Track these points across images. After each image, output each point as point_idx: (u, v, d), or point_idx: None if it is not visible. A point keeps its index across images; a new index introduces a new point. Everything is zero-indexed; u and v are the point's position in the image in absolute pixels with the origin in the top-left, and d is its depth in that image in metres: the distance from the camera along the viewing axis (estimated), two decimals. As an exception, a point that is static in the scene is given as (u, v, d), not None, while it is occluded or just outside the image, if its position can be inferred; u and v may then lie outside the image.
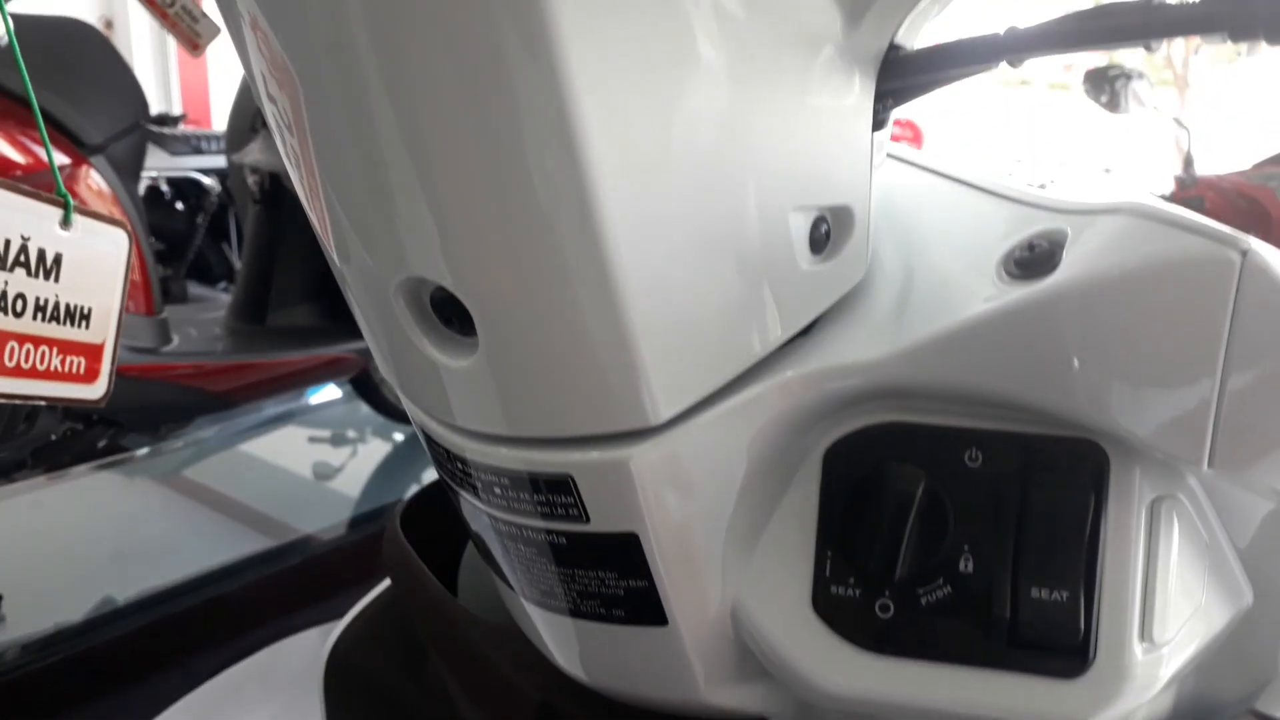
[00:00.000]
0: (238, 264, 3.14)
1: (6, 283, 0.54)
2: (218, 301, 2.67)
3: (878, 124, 0.34)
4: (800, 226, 0.32)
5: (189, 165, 3.00)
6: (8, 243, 0.54)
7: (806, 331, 0.36)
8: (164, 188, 2.86)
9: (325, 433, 2.85)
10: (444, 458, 0.38)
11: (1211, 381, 0.30)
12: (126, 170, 1.93)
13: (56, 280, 0.57)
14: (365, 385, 2.41)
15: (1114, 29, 0.29)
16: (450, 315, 0.32)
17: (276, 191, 2.07)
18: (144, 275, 1.93)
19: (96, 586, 1.90)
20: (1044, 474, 0.35)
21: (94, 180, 1.82)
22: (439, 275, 0.30)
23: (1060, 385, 0.33)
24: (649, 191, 0.28)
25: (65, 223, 0.57)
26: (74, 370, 0.59)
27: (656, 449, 0.32)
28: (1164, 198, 2.12)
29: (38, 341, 0.56)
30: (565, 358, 0.30)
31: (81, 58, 1.88)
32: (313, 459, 2.66)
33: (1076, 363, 0.32)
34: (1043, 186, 0.37)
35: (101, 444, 1.89)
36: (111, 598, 1.88)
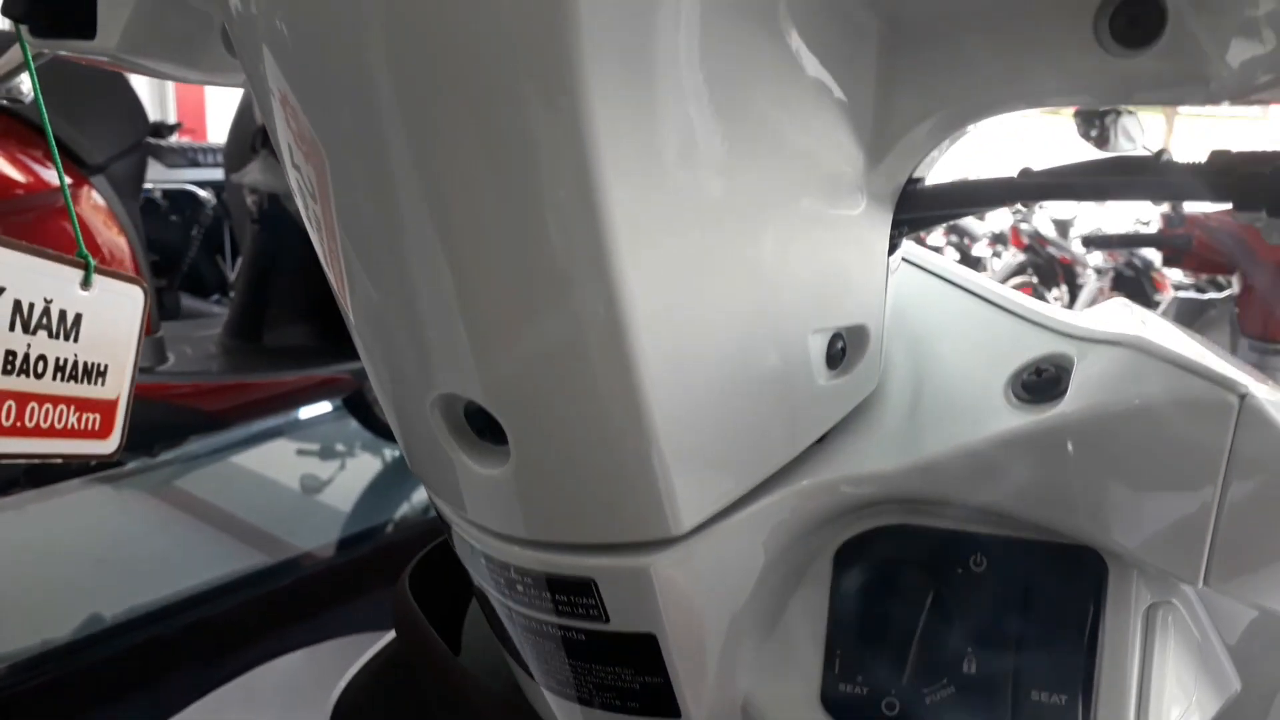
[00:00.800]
0: (231, 276, 3.14)
1: (29, 345, 0.55)
2: (212, 316, 2.67)
3: (892, 248, 0.36)
4: (818, 346, 0.34)
5: (185, 178, 3.00)
6: (31, 306, 0.55)
7: (821, 439, 0.37)
8: (159, 199, 2.87)
9: (315, 447, 2.85)
10: (465, 549, 0.39)
11: (1208, 513, 0.32)
12: (126, 189, 1.93)
13: (76, 340, 0.58)
14: (358, 404, 2.42)
15: (1124, 185, 0.30)
16: (483, 425, 0.33)
17: (275, 211, 2.08)
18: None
19: (85, 602, 1.90)
20: (1045, 580, 0.36)
21: (94, 199, 1.83)
22: (474, 394, 0.31)
23: (1064, 506, 0.34)
24: (678, 319, 0.29)
25: (86, 283, 0.58)
26: (90, 427, 0.60)
27: (677, 556, 0.34)
28: (1152, 236, 2.14)
29: (56, 401, 0.57)
30: (594, 472, 0.31)
31: (85, 78, 1.89)
32: (302, 473, 2.67)
33: (1080, 488, 0.33)
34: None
35: (93, 461, 1.89)
36: (100, 615, 1.88)
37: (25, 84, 0.61)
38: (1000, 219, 5.20)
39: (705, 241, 0.29)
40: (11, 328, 0.53)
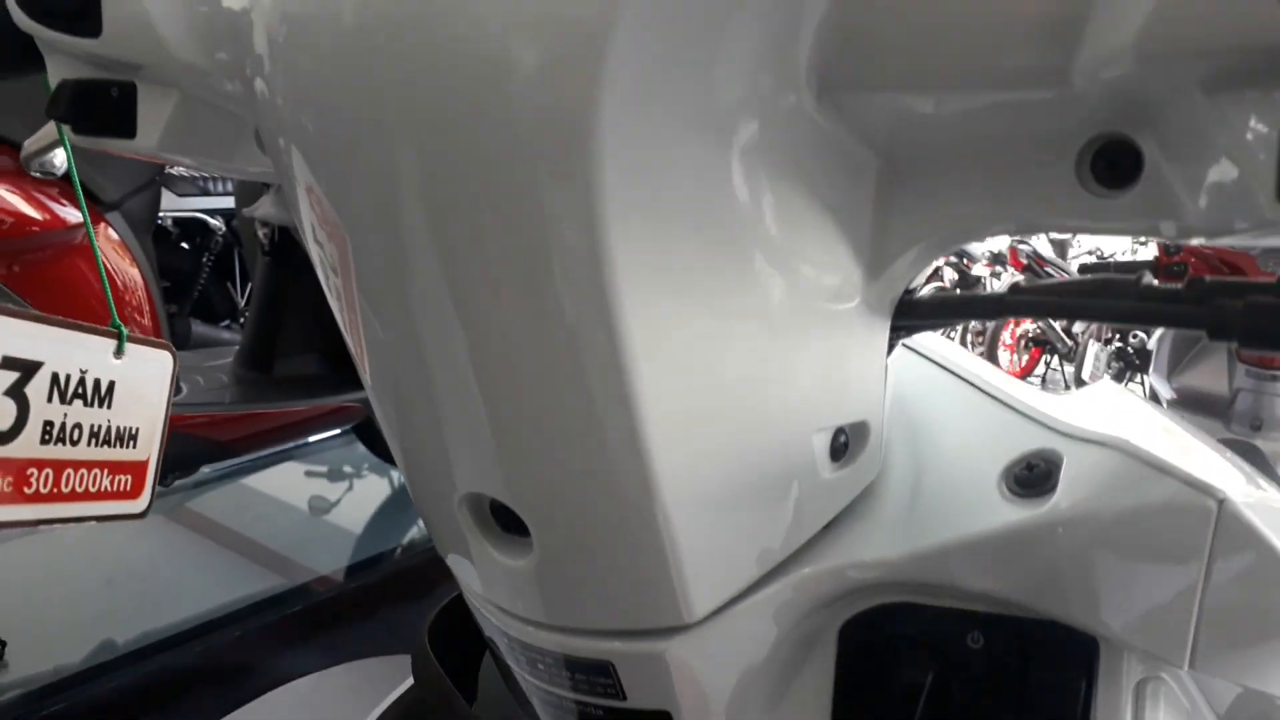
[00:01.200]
0: (241, 302, 3.18)
1: (65, 415, 0.57)
2: (223, 344, 2.70)
3: (890, 347, 0.38)
4: (822, 442, 0.36)
5: (195, 206, 3.04)
6: (68, 377, 0.57)
7: (826, 525, 0.39)
8: (170, 227, 2.90)
9: (324, 469, 2.88)
10: (487, 624, 0.41)
11: (1191, 604, 0.34)
12: (141, 223, 1.97)
13: (109, 406, 0.60)
14: (368, 432, 2.44)
15: (1105, 308, 0.33)
16: (508, 519, 0.36)
17: (285, 243, 2.11)
18: (155, 324, 1.96)
19: (96, 627, 1.92)
20: (1039, 657, 0.38)
21: (110, 234, 1.86)
22: (499, 493, 0.34)
23: (1056, 595, 0.36)
24: (690, 424, 0.31)
25: (119, 352, 0.61)
26: (121, 488, 0.62)
27: (691, 640, 0.36)
28: (1148, 264, 2.17)
29: (90, 465, 0.59)
30: (611, 565, 0.34)
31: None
32: (312, 496, 2.69)
33: (1071, 581, 0.36)
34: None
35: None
36: (112, 640, 1.90)
37: (59, 158, 0.63)
38: (999, 239, 5.23)
39: (716, 352, 0.31)
40: (50, 399, 0.56)
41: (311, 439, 2.88)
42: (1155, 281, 0.32)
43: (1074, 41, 0.25)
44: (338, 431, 2.80)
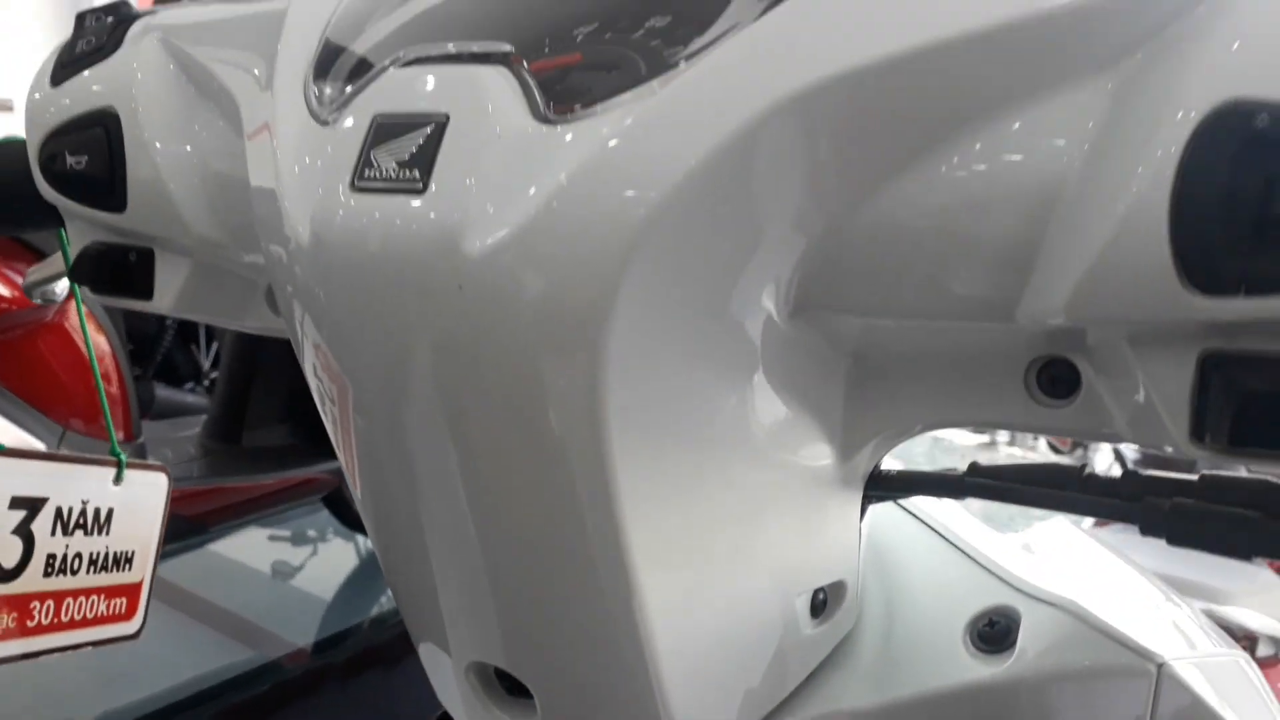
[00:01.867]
0: (205, 364, 3.16)
1: (67, 546, 0.59)
2: (187, 408, 2.68)
3: (863, 513, 0.41)
4: (803, 603, 0.39)
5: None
6: (70, 509, 0.59)
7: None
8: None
9: (287, 533, 2.86)
10: None
11: None
12: (110, 297, 1.97)
13: (107, 533, 0.62)
14: (337, 502, 2.43)
15: (1052, 497, 0.36)
16: (511, 683, 0.38)
17: (256, 315, 2.12)
18: (124, 397, 1.96)
19: (55, 706, 1.89)
20: None
21: (76, 305, 1.86)
22: (502, 663, 0.36)
23: None
24: (685, 601, 0.34)
25: (118, 479, 0.62)
26: (116, 611, 0.63)
27: None
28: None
29: (89, 592, 0.61)
30: None
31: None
32: (280, 562, 2.67)
33: None
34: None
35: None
36: (73, 721, 1.87)
37: (60, 287, 0.66)
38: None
39: (707, 534, 0.34)
40: (53, 533, 0.58)
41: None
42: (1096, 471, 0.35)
43: (1016, 296, 0.29)
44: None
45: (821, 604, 0.40)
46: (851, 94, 0.27)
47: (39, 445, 1.76)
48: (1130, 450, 2.67)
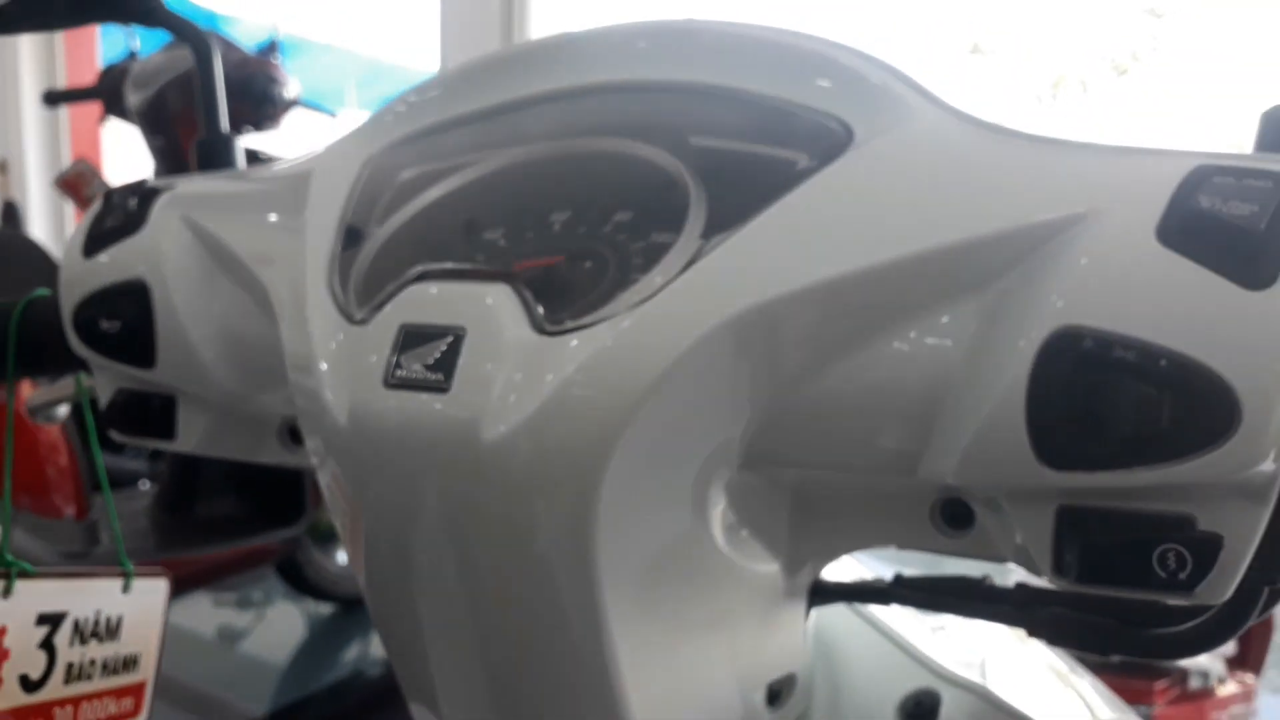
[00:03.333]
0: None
1: (84, 654, 0.64)
2: (129, 475, 2.67)
3: (807, 615, 0.48)
4: (760, 695, 0.46)
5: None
6: (85, 620, 0.64)
7: None
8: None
9: (239, 601, 2.86)
10: None
11: None
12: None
13: (118, 638, 0.67)
14: (291, 570, 2.45)
15: (956, 604, 0.43)
16: None
17: (206, 387, 2.14)
18: (75, 475, 1.97)
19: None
20: None
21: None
22: None
23: None
24: (662, 703, 0.40)
25: (126, 588, 0.68)
26: (125, 710, 0.68)
27: None
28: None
29: (102, 695, 0.66)
30: None
31: (14, 268, 1.95)
32: (231, 634, 2.67)
33: None
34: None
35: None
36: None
37: (62, 410, 0.71)
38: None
39: (680, 642, 0.41)
40: (71, 644, 0.63)
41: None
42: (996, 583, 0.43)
43: (916, 460, 0.36)
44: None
45: (776, 694, 0.47)
46: (788, 311, 0.35)
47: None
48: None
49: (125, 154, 2.68)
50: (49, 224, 5.23)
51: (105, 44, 4.90)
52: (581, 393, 0.35)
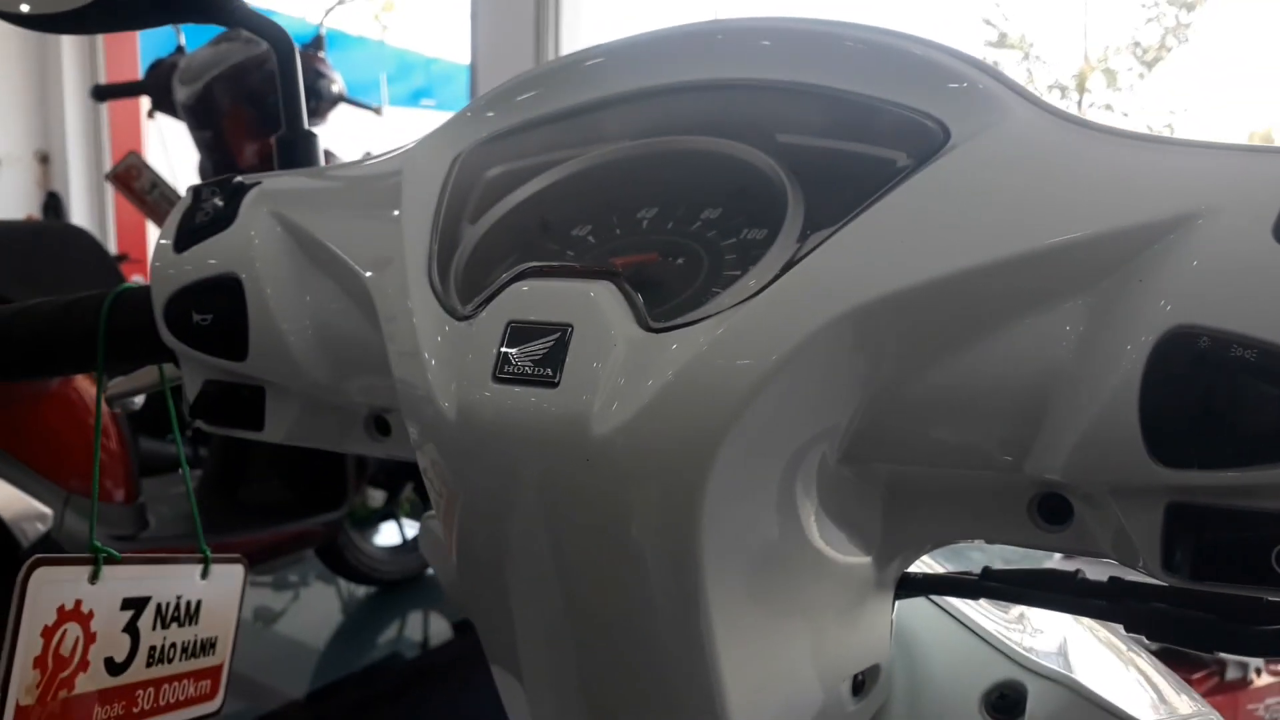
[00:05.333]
0: (186, 414, 3.19)
1: (165, 638, 0.65)
2: (168, 460, 2.71)
3: (893, 607, 0.49)
4: (845, 687, 0.46)
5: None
6: (167, 605, 0.65)
7: None
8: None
9: (280, 585, 2.89)
10: None
11: None
12: (109, 361, 2.01)
13: (196, 623, 0.68)
14: (331, 553, 2.48)
15: (1052, 599, 0.44)
16: None
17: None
18: (125, 460, 2.00)
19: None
20: None
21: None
22: None
23: None
24: (756, 691, 0.41)
25: (204, 574, 0.69)
26: (202, 693, 0.70)
27: None
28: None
29: (181, 678, 0.67)
30: None
31: (68, 258, 1.99)
32: (272, 618, 2.71)
33: None
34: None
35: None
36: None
37: (138, 400, 0.72)
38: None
39: (775, 634, 0.41)
40: (154, 628, 0.64)
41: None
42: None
43: (1022, 458, 0.37)
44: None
45: (860, 684, 0.48)
46: (892, 311, 0.35)
47: (43, 509, 1.80)
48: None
49: (167, 148, 2.71)
50: (90, 215, 5.31)
51: (144, 39, 4.96)
52: (689, 389, 0.35)
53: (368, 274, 0.46)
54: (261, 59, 2.08)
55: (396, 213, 0.47)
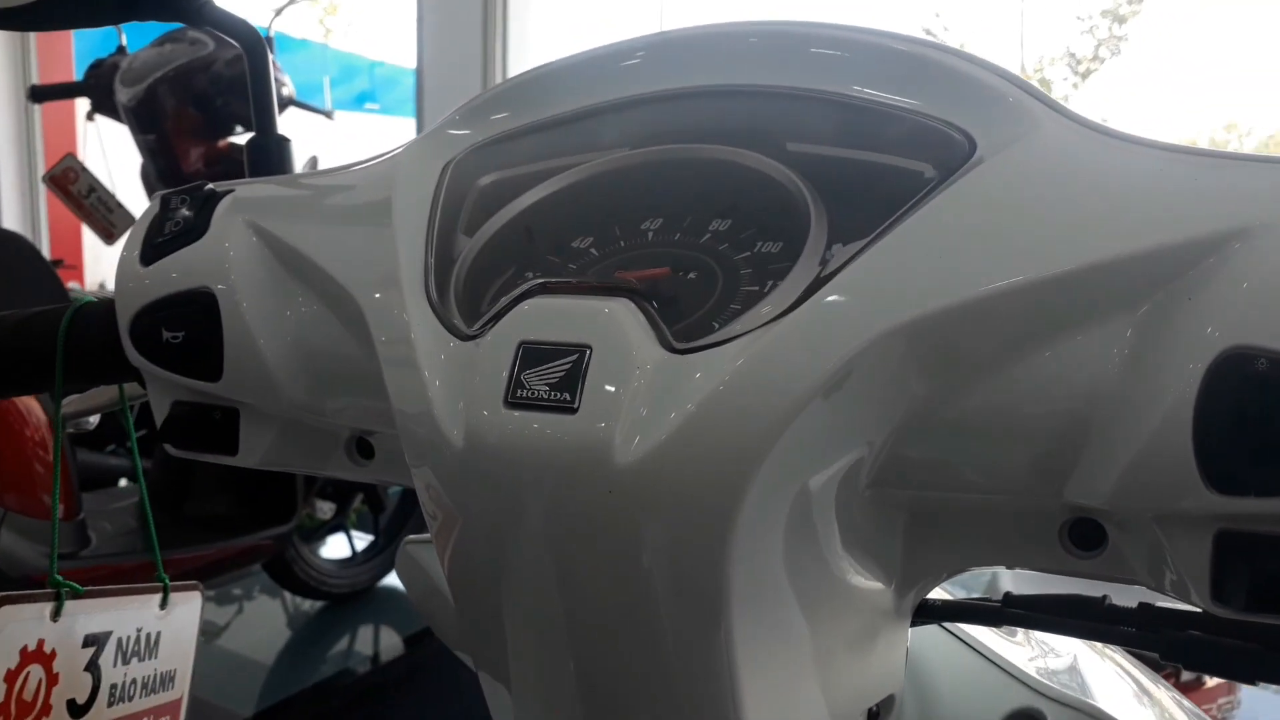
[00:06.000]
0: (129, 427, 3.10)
1: (126, 674, 0.62)
2: (110, 473, 2.63)
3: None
4: (862, 717, 0.45)
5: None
6: (127, 639, 0.62)
7: None
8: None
9: (227, 601, 2.82)
10: None
11: None
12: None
13: (155, 656, 0.65)
14: (279, 567, 2.42)
15: (1074, 625, 0.42)
16: None
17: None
18: (66, 475, 1.93)
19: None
20: None
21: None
22: None
23: None
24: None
25: (163, 603, 0.65)
26: (162, 729, 0.66)
27: None
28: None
29: (141, 715, 0.64)
30: None
31: (4, 265, 1.91)
32: (218, 634, 2.63)
33: None
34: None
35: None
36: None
37: (92, 419, 0.68)
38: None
39: (795, 664, 0.39)
40: (115, 664, 0.61)
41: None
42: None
43: (1062, 484, 0.35)
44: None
45: (874, 715, 0.46)
46: (930, 332, 0.33)
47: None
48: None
49: (105, 151, 2.63)
50: (22, 219, 5.14)
51: (80, 39, 4.82)
52: (721, 416, 0.33)
53: (357, 289, 0.43)
54: (208, 61, 2.02)
55: (385, 223, 0.44)
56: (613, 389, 0.34)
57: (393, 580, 2.88)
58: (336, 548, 2.78)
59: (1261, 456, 0.30)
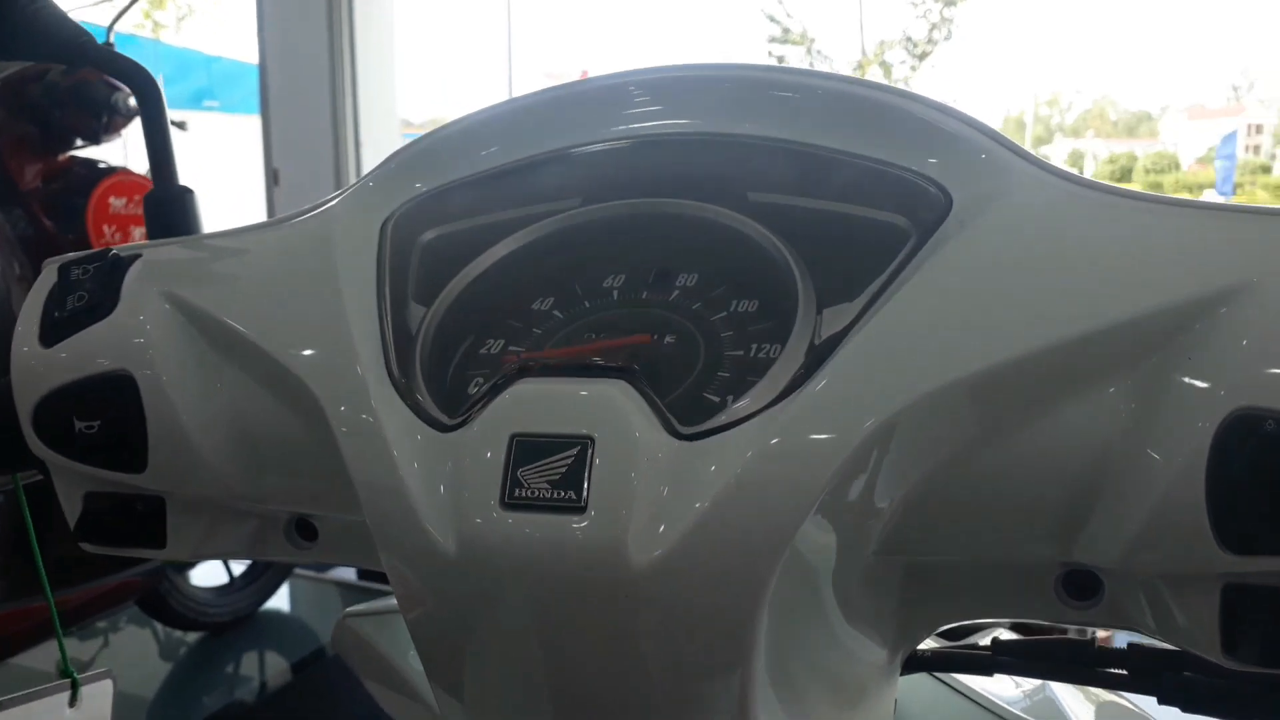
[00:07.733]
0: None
1: (40, 787, 0.56)
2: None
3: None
4: None
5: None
6: (37, 747, 0.56)
7: None
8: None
9: (101, 641, 2.65)
10: None
11: None
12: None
13: (69, 759, 0.59)
14: (153, 602, 2.29)
15: (1073, 672, 0.42)
16: None
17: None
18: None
19: None
20: None
21: None
22: None
23: None
24: None
25: (74, 699, 0.60)
26: (80, 836, 0.61)
27: None
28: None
29: (57, 826, 0.58)
30: None
31: None
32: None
33: None
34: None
35: None
36: None
37: None
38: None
39: None
40: (28, 778, 0.55)
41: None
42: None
43: (1070, 547, 0.34)
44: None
45: None
46: (938, 408, 0.33)
47: None
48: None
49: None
50: None
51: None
52: (740, 508, 0.31)
53: (308, 373, 0.39)
54: (41, 70, 1.87)
55: (327, 292, 0.41)
56: (622, 484, 0.32)
57: (275, 603, 2.76)
58: (212, 575, 2.64)
59: (1277, 517, 0.30)
